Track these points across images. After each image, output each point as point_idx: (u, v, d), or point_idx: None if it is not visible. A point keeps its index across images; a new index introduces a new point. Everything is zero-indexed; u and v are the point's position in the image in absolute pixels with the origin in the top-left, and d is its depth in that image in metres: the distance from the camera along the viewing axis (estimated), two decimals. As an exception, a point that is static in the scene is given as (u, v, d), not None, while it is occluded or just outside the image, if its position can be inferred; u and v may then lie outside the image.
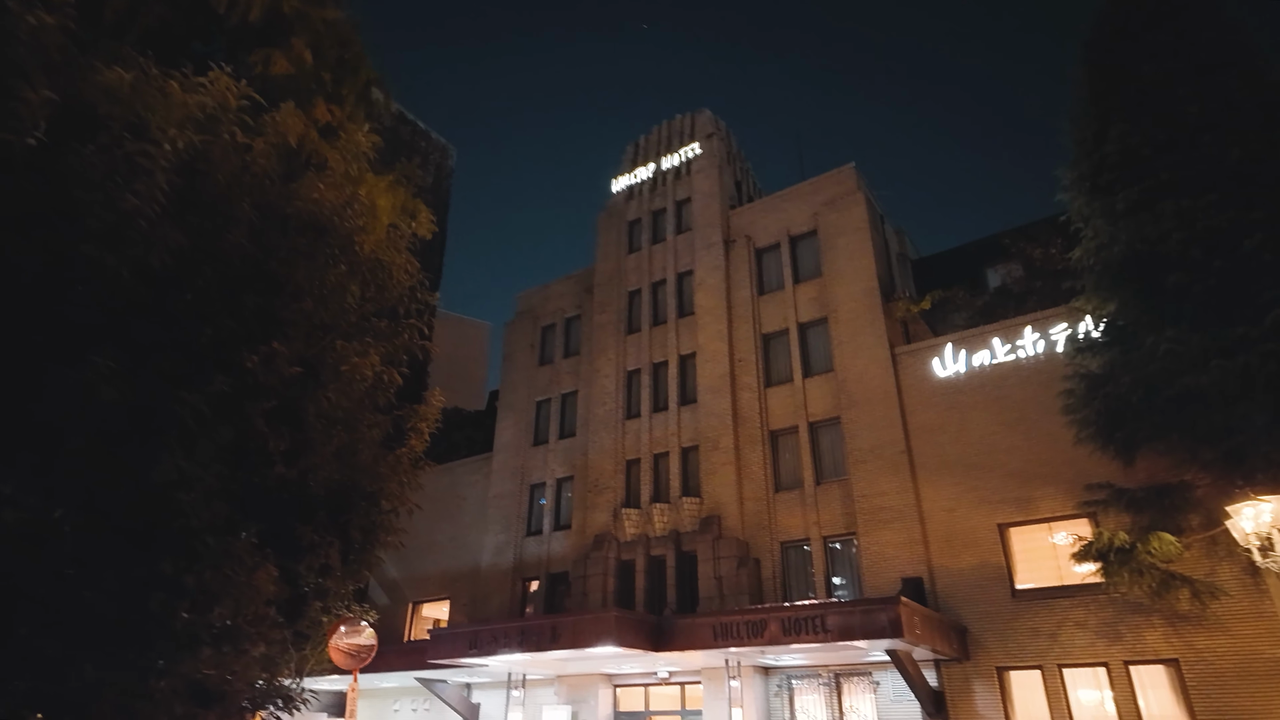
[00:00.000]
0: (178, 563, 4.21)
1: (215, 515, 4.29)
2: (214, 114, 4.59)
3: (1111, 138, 14.56)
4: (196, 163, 4.48)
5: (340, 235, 5.21)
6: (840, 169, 23.50)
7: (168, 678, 4.16)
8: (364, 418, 5.42)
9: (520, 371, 28.39)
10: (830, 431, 20.45)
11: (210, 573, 4.30)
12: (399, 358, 5.99)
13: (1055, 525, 16.58)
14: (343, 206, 5.27)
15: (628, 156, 28.94)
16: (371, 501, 5.61)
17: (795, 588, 19.40)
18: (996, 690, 15.97)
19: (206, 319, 4.43)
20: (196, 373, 4.26)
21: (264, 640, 4.84)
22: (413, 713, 24.51)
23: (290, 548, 5.02)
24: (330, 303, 5.11)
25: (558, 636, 16.88)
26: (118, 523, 4.06)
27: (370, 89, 8.71)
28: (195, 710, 4.38)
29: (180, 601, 4.24)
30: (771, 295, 23.13)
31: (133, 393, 3.94)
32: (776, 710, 18.06)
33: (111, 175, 4.01)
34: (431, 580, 27.41)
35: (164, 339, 4.25)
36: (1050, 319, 17.89)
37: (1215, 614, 14.00)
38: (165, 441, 4.07)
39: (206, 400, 4.18)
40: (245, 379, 4.46)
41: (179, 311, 4.36)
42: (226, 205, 4.59)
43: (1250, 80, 13.91)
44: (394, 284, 5.79)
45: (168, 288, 4.32)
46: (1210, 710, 13.87)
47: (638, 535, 21.86)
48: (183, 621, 4.24)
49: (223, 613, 4.43)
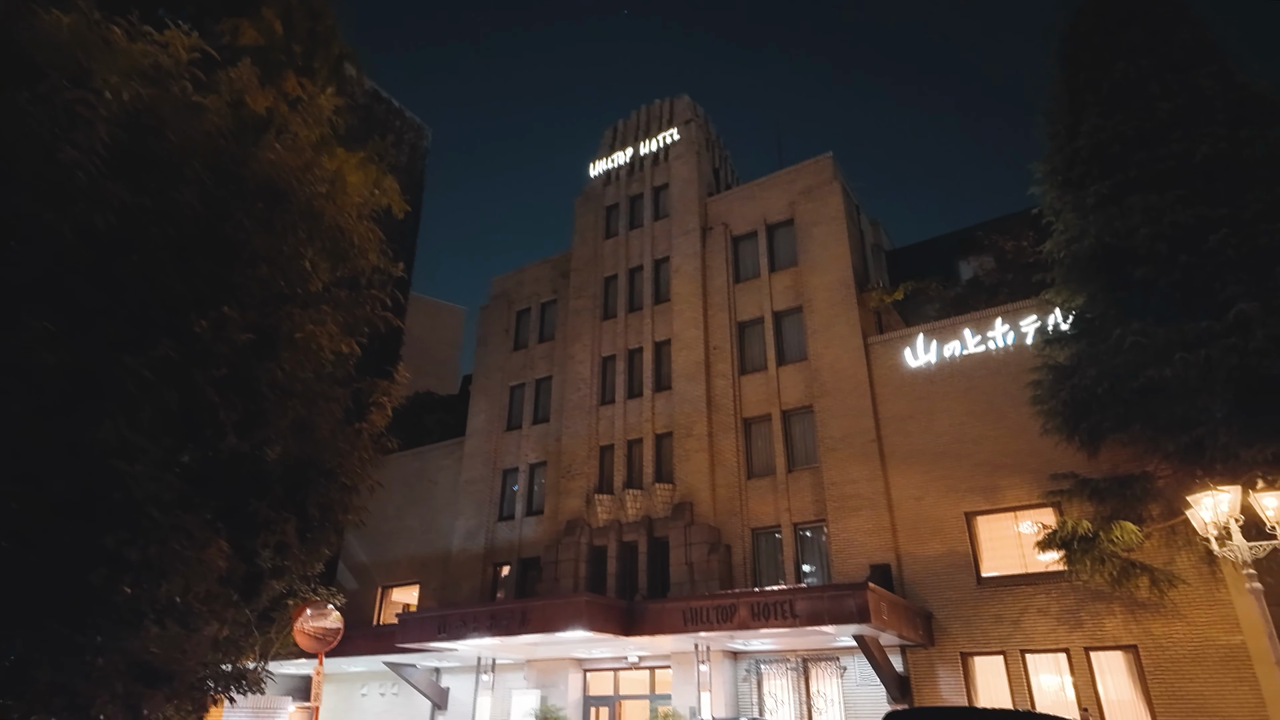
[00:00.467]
0: (121, 536, 4.04)
1: (164, 488, 4.11)
2: (165, 68, 4.36)
3: (1083, 132, 14.74)
4: (144, 117, 4.25)
5: (300, 201, 5.02)
6: (818, 159, 23.52)
7: (106, 655, 3.99)
8: (322, 390, 5.23)
9: (494, 356, 28.15)
10: (803, 420, 20.57)
11: (156, 547, 4.12)
12: (359, 329, 5.80)
13: (1021, 514, 16.85)
14: (302, 170, 5.06)
15: (606, 141, 28.70)
16: (330, 478, 5.42)
17: (766, 574, 19.54)
18: (960, 675, 16.24)
19: (154, 282, 4.22)
20: (143, 337, 4.06)
21: (218, 619, 4.68)
22: (380, 697, 24.35)
23: (245, 524, 4.85)
24: (288, 270, 4.91)
25: (527, 621, 16.84)
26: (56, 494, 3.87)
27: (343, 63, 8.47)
28: (141, 689, 4.22)
29: (123, 577, 4.06)
30: (747, 283, 23.14)
31: (73, 357, 3.75)
32: (745, 694, 18.21)
33: (48, 125, 3.78)
34: (401, 564, 27.19)
35: (109, 302, 4.04)
36: (1020, 311, 18.12)
37: (1173, 601, 14.34)
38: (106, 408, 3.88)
39: (150, 365, 3.98)
40: (194, 345, 4.26)
41: (125, 273, 4.16)
42: (176, 164, 4.37)
43: (1220, 79, 14.13)
44: (355, 253, 5.59)
45: (113, 248, 4.11)
46: (1166, 695, 14.23)
47: (610, 521, 21.85)
48: (125, 597, 4.07)
49: (171, 590, 4.25)
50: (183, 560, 4.20)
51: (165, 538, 4.13)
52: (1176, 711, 14.04)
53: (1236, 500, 10.66)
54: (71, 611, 3.91)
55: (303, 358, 4.81)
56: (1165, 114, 13.88)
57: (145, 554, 4.08)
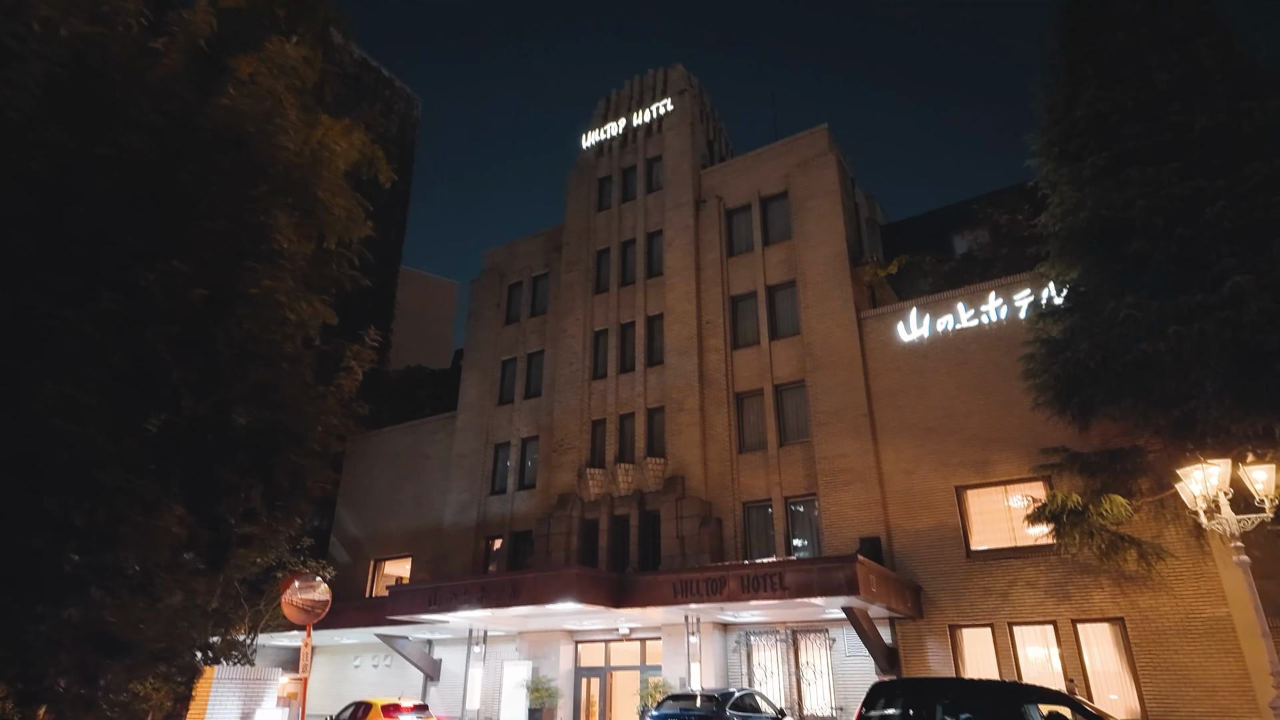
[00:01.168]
0: (65, 500, 3.86)
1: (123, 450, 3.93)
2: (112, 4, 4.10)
3: (1081, 103, 14.48)
4: (88, 56, 4.02)
5: (263, 152, 4.78)
6: (813, 130, 23.18)
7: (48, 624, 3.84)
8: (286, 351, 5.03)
9: (486, 330, 27.94)
10: (795, 394, 20.49)
11: (104, 512, 3.96)
12: (327, 288, 5.59)
13: (1011, 488, 16.86)
14: (263, 119, 4.82)
15: (599, 112, 28.24)
16: (298, 443, 5.26)
17: (757, 547, 19.58)
18: (948, 647, 16.35)
19: (99, 232, 4.00)
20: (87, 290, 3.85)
21: (182, 589, 4.54)
22: (374, 668, 24.50)
23: (210, 491, 4.69)
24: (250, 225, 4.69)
25: (518, 593, 16.86)
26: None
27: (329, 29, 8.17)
28: (98, 660, 4.09)
29: (70, 542, 3.90)
30: (741, 257, 22.92)
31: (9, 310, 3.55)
32: (734, 665, 18.34)
33: None
34: (394, 538, 27.22)
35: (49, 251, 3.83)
36: (1014, 285, 17.98)
37: (1160, 574, 14.39)
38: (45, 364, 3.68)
39: (92, 319, 3.79)
40: (142, 300, 4.07)
41: (68, 222, 3.94)
42: (124, 107, 4.14)
43: (1220, 50, 13.86)
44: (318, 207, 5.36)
45: (53, 195, 3.89)
46: (1152, 666, 14.35)
47: (602, 495, 21.83)
48: (72, 564, 3.91)
49: (123, 557, 4.10)
50: (134, 526, 4.04)
51: (114, 502, 3.97)
52: (1161, 682, 14.17)
53: (1226, 474, 10.62)
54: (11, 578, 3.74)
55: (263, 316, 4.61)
56: (1164, 85, 13.64)
57: (92, 519, 3.93)
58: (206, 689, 14.08)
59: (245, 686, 14.98)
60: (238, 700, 14.78)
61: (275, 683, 15.96)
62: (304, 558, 18.57)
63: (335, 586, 17.58)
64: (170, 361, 4.19)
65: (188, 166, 4.43)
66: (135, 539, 4.05)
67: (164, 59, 4.50)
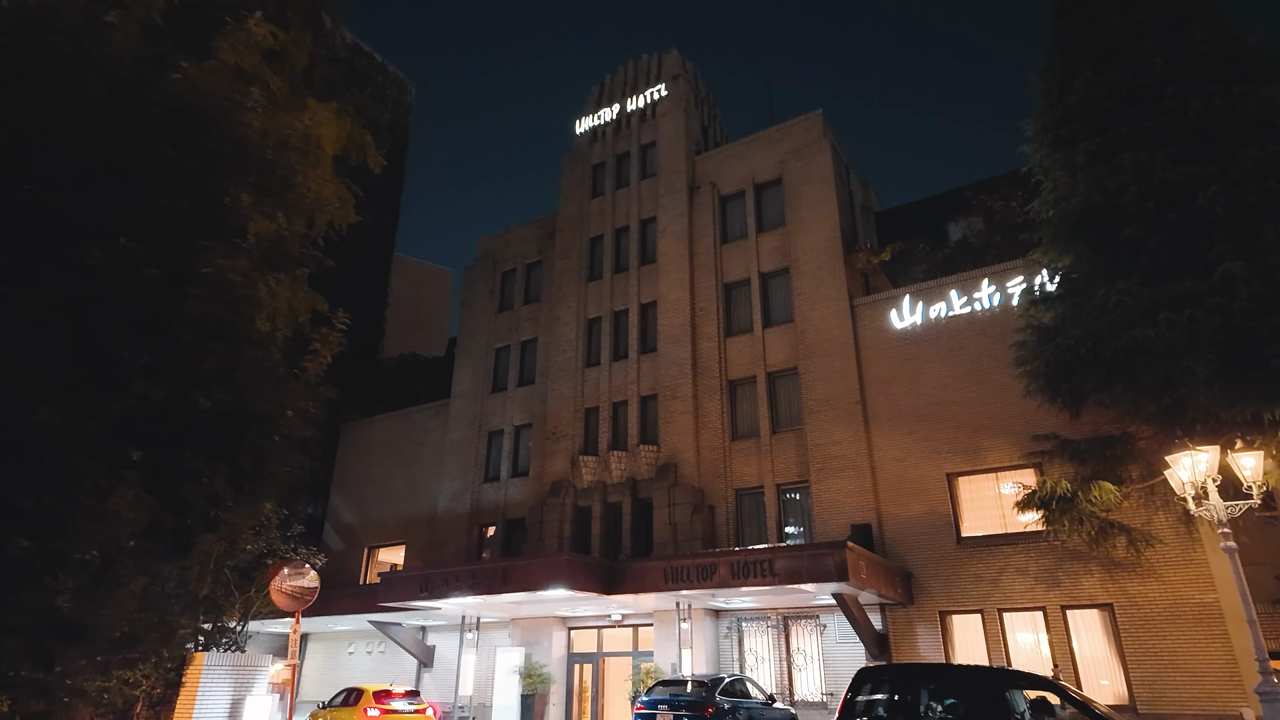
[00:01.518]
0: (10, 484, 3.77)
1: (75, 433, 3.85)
2: None
3: (1076, 88, 14.32)
4: (34, 28, 3.90)
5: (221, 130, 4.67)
6: (807, 116, 23.00)
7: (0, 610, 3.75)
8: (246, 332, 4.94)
9: (479, 318, 27.84)
10: (788, 381, 20.44)
11: (54, 497, 3.88)
12: (288, 266, 5.48)
13: (1002, 475, 16.84)
14: (223, 97, 4.70)
15: (592, 97, 28.00)
16: (263, 426, 5.18)
17: (749, 534, 19.59)
18: (938, 633, 16.40)
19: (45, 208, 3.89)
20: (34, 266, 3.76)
21: (144, 574, 4.47)
22: (367, 655, 24.57)
23: (171, 474, 4.62)
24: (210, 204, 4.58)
25: (509, 580, 16.87)
26: None
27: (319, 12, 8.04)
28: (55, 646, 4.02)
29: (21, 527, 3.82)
30: (734, 244, 22.80)
31: None
32: (726, 651, 18.40)
33: None
34: (388, 525, 27.24)
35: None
36: (1007, 272, 17.89)
37: (1149, 561, 14.41)
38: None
39: (29, 298, 3.69)
40: (88, 278, 3.97)
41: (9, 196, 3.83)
42: (72, 79, 4.03)
43: (1216, 34, 13.71)
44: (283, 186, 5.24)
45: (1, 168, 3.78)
46: (1140, 652, 14.39)
47: (595, 482, 21.82)
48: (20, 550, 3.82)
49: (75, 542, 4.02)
50: (85, 511, 3.96)
51: (66, 486, 3.89)
52: (1150, 668, 14.22)
53: (1215, 460, 10.60)
54: None
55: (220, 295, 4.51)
56: (1159, 70, 13.49)
57: (41, 504, 3.85)
58: (197, 676, 14.03)
59: (236, 673, 14.96)
60: (228, 687, 14.76)
61: (266, 670, 15.95)
62: (295, 545, 18.55)
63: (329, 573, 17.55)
64: (119, 342, 4.09)
65: (139, 143, 4.32)
66: (86, 523, 3.97)
67: (116, 34, 4.38)
